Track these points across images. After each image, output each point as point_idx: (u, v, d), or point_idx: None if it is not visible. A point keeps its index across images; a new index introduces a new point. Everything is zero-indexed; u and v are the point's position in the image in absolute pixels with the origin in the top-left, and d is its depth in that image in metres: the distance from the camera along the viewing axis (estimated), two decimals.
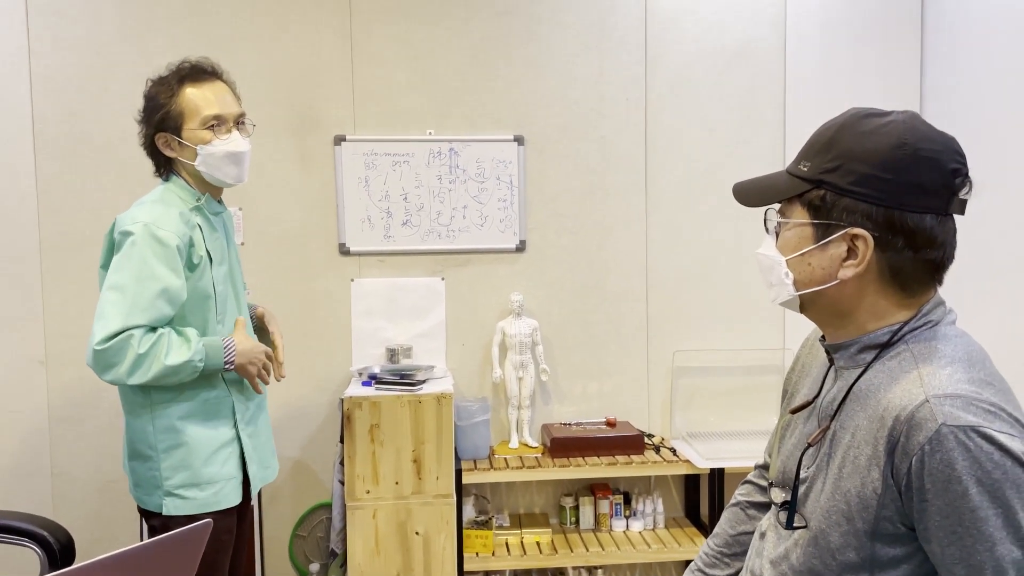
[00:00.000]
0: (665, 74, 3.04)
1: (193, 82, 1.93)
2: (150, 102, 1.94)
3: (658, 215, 3.06)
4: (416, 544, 2.59)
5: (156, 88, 1.94)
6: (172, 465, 1.90)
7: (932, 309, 1.12)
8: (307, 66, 2.90)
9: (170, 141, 1.93)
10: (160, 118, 1.91)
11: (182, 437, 1.90)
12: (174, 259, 1.84)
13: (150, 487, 1.92)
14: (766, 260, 1.19)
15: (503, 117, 2.99)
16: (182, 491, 1.90)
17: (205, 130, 1.92)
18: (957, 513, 0.97)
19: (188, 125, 1.91)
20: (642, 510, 2.95)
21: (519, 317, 2.92)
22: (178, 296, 1.86)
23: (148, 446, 1.91)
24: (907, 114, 1.10)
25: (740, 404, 3.11)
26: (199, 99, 1.92)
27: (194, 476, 1.91)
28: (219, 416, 1.95)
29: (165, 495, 1.90)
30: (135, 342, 1.78)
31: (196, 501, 1.91)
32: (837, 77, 3.07)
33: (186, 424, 1.91)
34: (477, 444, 2.85)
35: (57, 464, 2.85)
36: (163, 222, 1.85)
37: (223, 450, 1.95)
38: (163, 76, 1.96)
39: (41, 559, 2.06)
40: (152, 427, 1.90)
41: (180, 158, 1.94)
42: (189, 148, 1.92)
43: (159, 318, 1.83)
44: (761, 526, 1.31)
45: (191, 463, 1.91)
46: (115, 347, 1.77)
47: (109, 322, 1.78)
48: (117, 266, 1.83)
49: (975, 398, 1.00)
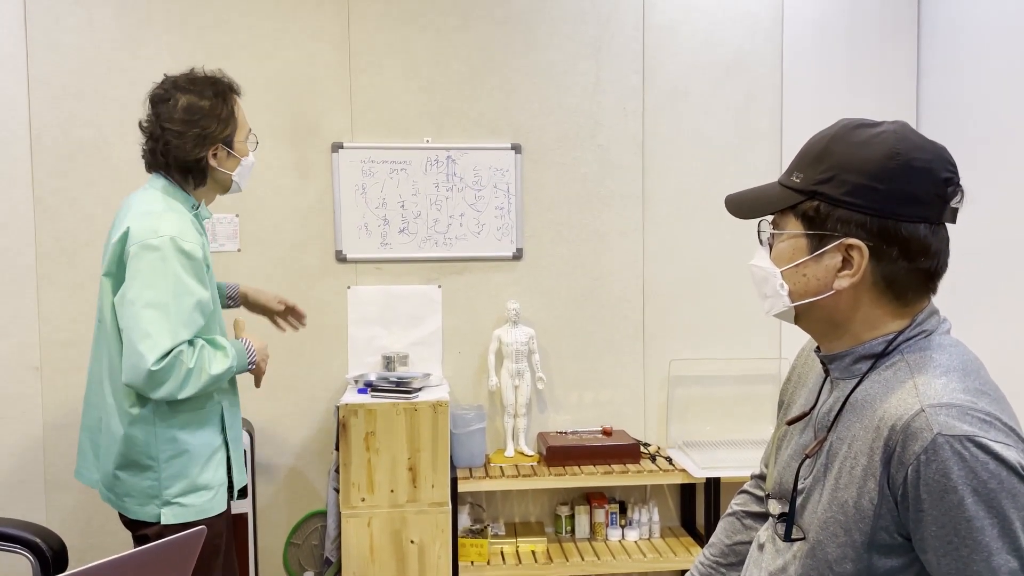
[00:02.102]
0: (662, 84, 3.05)
1: (235, 96, 2.02)
2: (204, 114, 1.92)
3: (654, 224, 3.07)
4: (411, 553, 2.58)
5: (209, 101, 1.93)
6: (172, 474, 1.90)
7: (926, 318, 1.12)
8: (305, 74, 2.91)
9: (219, 152, 1.96)
10: (228, 132, 1.96)
11: (183, 446, 1.91)
12: (201, 271, 1.87)
13: (144, 498, 1.91)
14: (760, 272, 1.20)
15: (500, 125, 2.99)
16: (181, 499, 1.91)
17: (247, 143, 2.03)
18: (953, 523, 0.97)
19: (239, 138, 2.00)
20: (638, 519, 2.95)
21: (515, 325, 2.92)
22: (207, 307, 1.89)
23: (149, 457, 1.90)
24: (898, 124, 1.11)
25: (736, 413, 3.11)
26: (242, 114, 2.02)
27: (191, 484, 1.91)
28: (211, 424, 1.97)
29: (163, 504, 1.90)
30: (185, 358, 1.80)
31: (194, 508, 1.92)
32: (833, 88, 3.09)
33: (186, 433, 1.91)
34: (473, 452, 2.84)
35: (51, 471, 2.84)
36: (186, 234, 1.85)
37: (215, 457, 1.97)
38: (203, 88, 1.95)
39: (34, 566, 2.04)
40: (155, 438, 1.89)
41: (220, 168, 1.98)
42: (235, 159, 2.00)
43: (197, 331, 1.86)
44: (759, 537, 1.30)
45: (189, 471, 1.91)
46: (168, 365, 1.78)
47: (158, 341, 1.78)
48: (148, 283, 1.80)
49: (970, 407, 1.00)
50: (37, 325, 2.81)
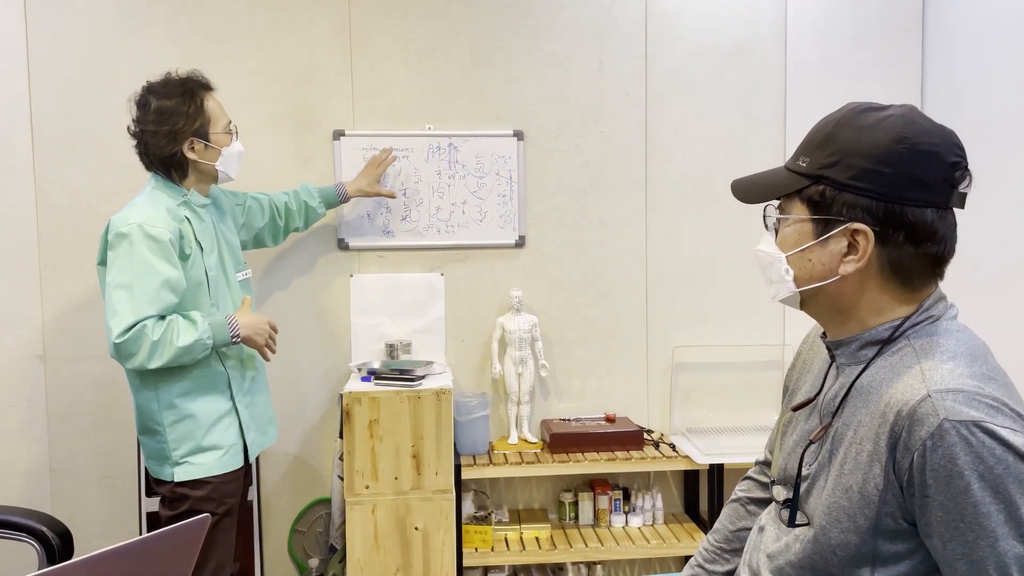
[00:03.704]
0: (665, 70, 3.03)
1: (206, 92, 2.18)
2: (172, 113, 2.10)
3: (658, 211, 3.06)
4: (415, 539, 2.59)
5: (176, 100, 2.11)
6: (177, 437, 2.10)
7: (933, 304, 1.12)
8: (306, 61, 2.89)
9: (196, 145, 2.13)
10: (197, 125, 2.12)
11: (184, 411, 2.10)
12: (169, 252, 2.03)
13: (160, 458, 2.13)
14: (765, 257, 1.19)
15: (502, 112, 2.98)
16: (189, 458, 2.11)
17: (225, 134, 2.19)
18: (959, 508, 0.97)
19: (214, 130, 2.16)
20: (641, 506, 2.95)
21: (518, 313, 2.92)
22: (179, 285, 2.05)
23: (155, 422, 2.11)
24: (906, 108, 1.10)
25: (739, 400, 3.11)
26: (216, 108, 2.18)
27: (198, 445, 2.11)
28: (216, 390, 2.15)
29: (174, 464, 2.11)
30: (148, 331, 1.98)
31: (204, 466, 2.12)
32: (838, 73, 3.07)
33: (186, 400, 2.10)
34: (476, 440, 2.84)
35: (55, 459, 2.85)
36: (154, 220, 2.03)
37: (223, 420, 2.16)
38: (173, 89, 2.14)
39: (39, 554, 2.05)
40: (157, 404, 2.10)
41: (201, 160, 2.15)
42: (214, 150, 2.16)
43: (166, 307, 2.02)
44: (760, 520, 1.30)
45: (195, 434, 2.11)
46: (132, 338, 1.97)
47: (122, 317, 1.97)
48: (119, 266, 2.00)
49: (977, 393, 0.99)
50: (40, 314, 2.82)
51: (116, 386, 2.84)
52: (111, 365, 2.84)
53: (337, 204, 2.76)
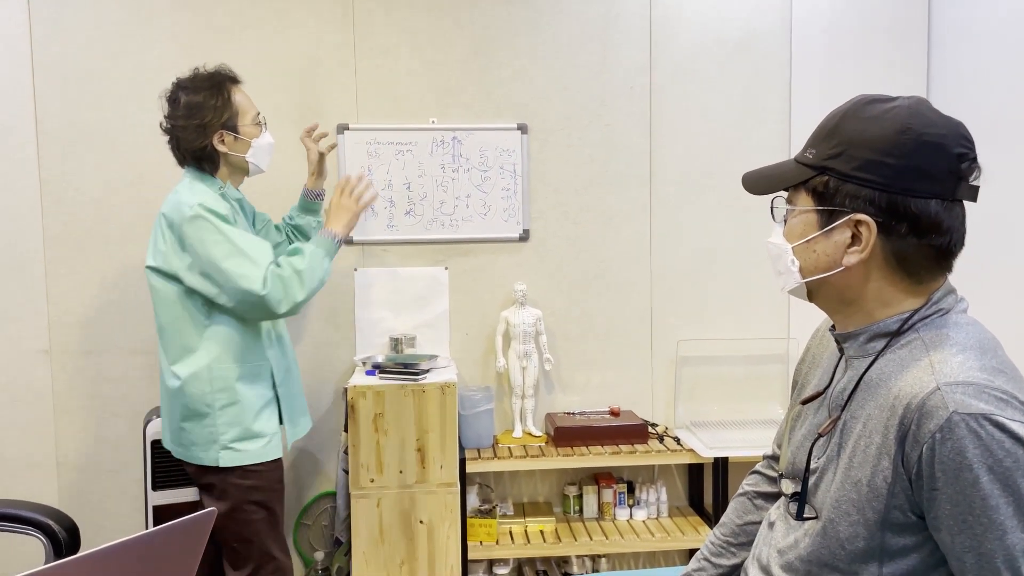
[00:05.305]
0: (670, 62, 3.02)
1: (233, 84, 2.22)
2: (201, 107, 2.14)
3: (662, 204, 3.05)
4: (420, 533, 2.59)
5: (204, 94, 2.16)
6: (227, 421, 2.15)
7: (943, 297, 1.11)
8: (310, 55, 2.89)
9: (225, 137, 2.18)
10: (225, 118, 2.16)
11: (236, 396, 2.16)
12: (234, 220, 2.15)
13: (206, 443, 2.16)
14: (774, 248, 1.19)
15: (506, 106, 2.97)
16: (236, 444, 2.16)
17: (254, 126, 2.23)
18: (968, 501, 0.97)
19: (243, 122, 2.20)
20: (645, 499, 2.95)
21: (523, 306, 2.92)
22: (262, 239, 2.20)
23: (205, 404, 2.15)
24: (914, 99, 1.10)
25: (744, 393, 3.11)
26: (244, 100, 2.23)
27: (246, 430, 2.17)
28: (261, 379, 2.22)
29: (221, 449, 2.15)
30: (279, 272, 2.11)
31: (248, 453, 2.17)
32: (843, 66, 3.05)
33: (240, 384, 2.17)
34: (481, 433, 2.85)
35: (62, 453, 2.85)
36: (209, 200, 2.11)
37: (266, 408, 2.22)
38: (200, 83, 2.17)
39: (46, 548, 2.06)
40: (210, 387, 2.15)
41: (231, 152, 2.20)
42: (244, 142, 2.21)
43: (270, 255, 2.14)
44: (770, 515, 1.30)
45: (243, 419, 2.17)
46: (272, 286, 2.08)
47: (252, 274, 2.07)
48: (212, 241, 2.06)
49: (987, 386, 0.99)
50: (46, 308, 2.82)
51: (122, 380, 2.85)
52: (117, 359, 2.85)
53: (314, 203, 2.61)
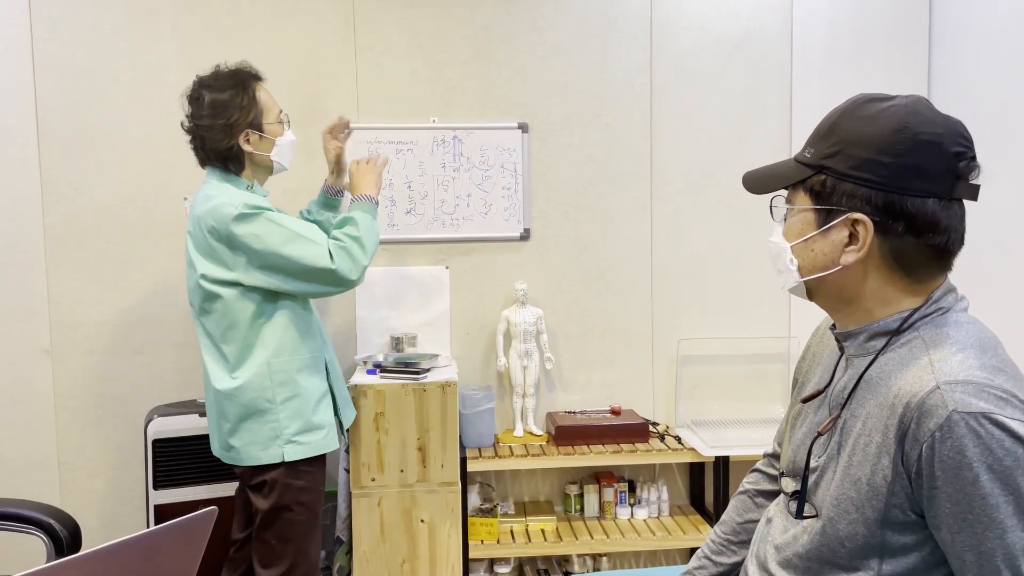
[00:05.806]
0: (670, 61, 3.02)
1: (257, 82, 2.19)
2: (227, 105, 2.11)
3: (662, 203, 3.05)
4: (421, 532, 2.60)
5: (229, 92, 2.12)
6: (290, 414, 2.14)
7: (943, 296, 1.11)
8: (310, 54, 2.89)
9: (251, 136, 2.15)
10: (251, 117, 2.14)
11: (297, 388, 2.15)
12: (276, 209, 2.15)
13: (268, 440, 2.13)
14: (774, 247, 1.20)
15: (507, 105, 2.97)
16: (299, 438, 2.15)
17: (278, 124, 2.21)
18: (967, 500, 0.97)
19: (268, 120, 2.18)
20: (646, 498, 2.95)
21: (523, 306, 2.92)
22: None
23: (267, 400, 2.12)
24: (912, 98, 1.10)
25: (745, 392, 3.11)
26: (268, 98, 2.20)
27: (307, 423, 2.16)
28: (317, 370, 2.21)
29: (285, 443, 2.13)
30: (339, 244, 2.12)
31: (311, 445, 2.16)
32: (844, 65, 3.05)
33: (301, 376, 2.15)
34: (482, 432, 2.85)
35: (63, 453, 2.86)
36: (248, 198, 2.09)
37: (324, 399, 2.22)
38: (224, 82, 2.14)
39: (48, 547, 2.06)
40: (270, 381, 2.12)
41: (257, 151, 2.17)
42: (268, 141, 2.19)
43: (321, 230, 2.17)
44: (768, 512, 1.31)
45: (304, 412, 2.15)
46: (338, 258, 2.09)
47: (317, 252, 2.08)
48: (267, 230, 2.05)
49: (987, 384, 0.99)
50: (47, 308, 2.82)
51: (123, 380, 2.85)
52: (118, 359, 2.85)
53: (334, 199, 2.58)
